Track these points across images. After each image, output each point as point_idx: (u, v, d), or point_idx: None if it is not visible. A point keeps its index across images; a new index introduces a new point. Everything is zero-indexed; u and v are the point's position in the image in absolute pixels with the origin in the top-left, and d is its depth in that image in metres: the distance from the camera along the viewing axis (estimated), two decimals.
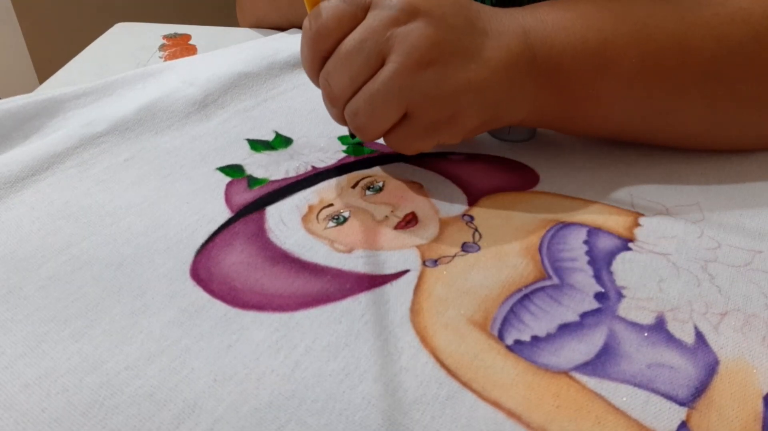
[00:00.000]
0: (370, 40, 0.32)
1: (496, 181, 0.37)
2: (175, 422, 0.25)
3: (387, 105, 0.32)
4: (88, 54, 0.56)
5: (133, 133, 0.42)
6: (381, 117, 0.33)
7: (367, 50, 0.32)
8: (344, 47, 0.32)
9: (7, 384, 0.26)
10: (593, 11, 0.35)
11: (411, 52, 0.31)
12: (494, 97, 0.34)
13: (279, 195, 0.36)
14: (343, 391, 0.26)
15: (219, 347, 0.27)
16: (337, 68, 0.33)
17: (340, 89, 0.33)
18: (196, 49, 0.56)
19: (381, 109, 0.32)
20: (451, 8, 0.33)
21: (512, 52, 0.33)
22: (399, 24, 0.32)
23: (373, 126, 0.33)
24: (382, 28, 0.32)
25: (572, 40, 0.34)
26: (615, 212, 0.35)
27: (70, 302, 0.30)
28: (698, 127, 0.37)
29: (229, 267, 0.31)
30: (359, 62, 0.32)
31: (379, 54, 0.32)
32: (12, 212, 0.35)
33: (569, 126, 0.38)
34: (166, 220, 0.35)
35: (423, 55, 0.32)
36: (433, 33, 0.32)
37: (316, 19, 0.33)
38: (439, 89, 0.32)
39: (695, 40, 0.34)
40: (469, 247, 0.32)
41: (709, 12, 0.35)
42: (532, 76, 0.34)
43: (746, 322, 0.28)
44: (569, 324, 0.28)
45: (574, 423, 0.24)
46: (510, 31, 0.34)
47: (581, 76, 0.35)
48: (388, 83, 0.32)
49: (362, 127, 0.34)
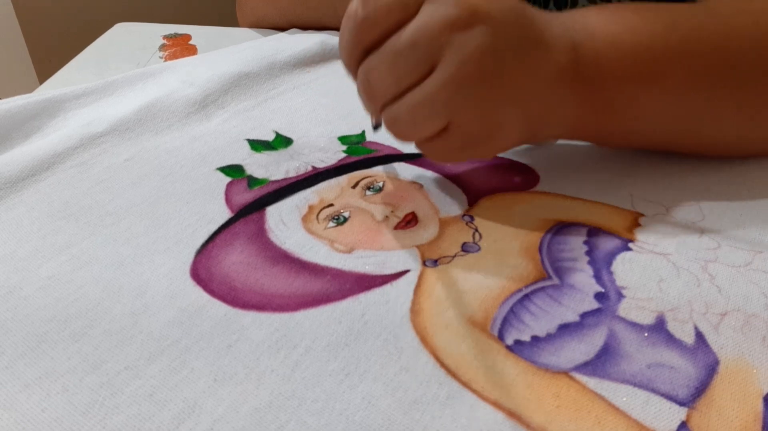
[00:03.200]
0: (423, 44, 0.30)
1: (496, 181, 0.37)
2: (175, 422, 0.25)
3: (430, 118, 0.31)
4: (88, 54, 0.56)
5: (133, 133, 0.42)
6: (421, 128, 0.32)
7: (418, 54, 0.30)
8: (393, 45, 0.30)
9: (7, 384, 0.26)
10: (641, 25, 0.34)
11: (465, 64, 0.30)
12: (535, 112, 0.33)
13: (279, 195, 0.36)
14: (343, 391, 0.26)
15: (219, 347, 0.27)
16: (382, 67, 0.31)
17: (382, 89, 0.31)
18: (196, 49, 0.56)
19: (423, 121, 0.31)
20: (509, 15, 0.31)
21: (560, 67, 0.32)
22: (455, 28, 0.30)
23: (411, 135, 0.32)
24: (437, 31, 0.30)
25: (621, 56, 0.33)
26: (615, 212, 0.35)
27: (70, 302, 0.30)
28: (735, 136, 0.37)
29: (229, 267, 0.31)
30: (408, 65, 0.30)
31: (429, 59, 0.30)
32: (12, 212, 0.35)
33: (606, 140, 0.38)
34: (166, 220, 0.35)
35: (476, 69, 0.30)
36: (489, 45, 0.30)
37: (365, 4, 0.30)
38: (485, 106, 0.31)
39: (736, 51, 0.34)
40: (469, 247, 0.32)
41: (750, 20, 0.35)
42: (576, 91, 0.33)
43: (746, 322, 0.28)
44: (569, 324, 0.28)
45: (574, 423, 0.24)
46: (560, 45, 0.33)
47: (625, 94, 0.34)
48: (436, 96, 0.30)
49: (400, 133, 0.32)
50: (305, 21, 0.57)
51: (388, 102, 0.31)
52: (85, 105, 0.45)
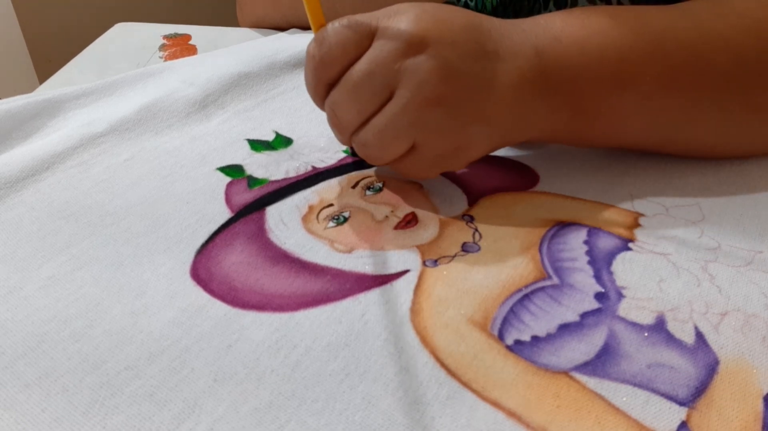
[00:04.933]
0: (378, 73, 0.31)
1: (496, 181, 0.37)
2: (175, 422, 0.25)
3: (395, 140, 0.32)
4: (88, 54, 0.56)
5: (133, 133, 0.42)
6: (389, 150, 0.33)
7: (375, 83, 0.31)
8: (351, 79, 0.32)
9: (8, 384, 0.26)
10: (610, 26, 0.34)
11: (420, 87, 0.31)
12: (504, 125, 0.33)
13: (279, 195, 0.36)
14: (343, 391, 0.26)
15: (219, 347, 0.27)
16: (344, 99, 0.32)
17: (348, 120, 0.33)
18: (196, 49, 0.56)
19: (389, 143, 0.32)
20: (461, 34, 0.32)
21: (524, 75, 0.32)
22: (408, 54, 0.31)
23: (381, 157, 0.33)
24: (390, 60, 0.31)
25: (588, 60, 0.33)
26: (615, 212, 0.35)
27: (70, 302, 0.30)
28: (712, 138, 0.37)
29: (229, 267, 0.31)
30: (367, 95, 0.32)
31: (386, 86, 0.31)
32: (12, 212, 0.35)
33: (580, 142, 0.38)
34: (166, 220, 0.35)
35: (432, 90, 0.31)
36: (442, 66, 0.31)
37: (320, 46, 0.32)
38: (447, 124, 0.32)
39: (711, 53, 0.34)
40: (469, 247, 0.32)
41: (725, 24, 0.34)
42: (545, 98, 0.33)
43: (746, 322, 0.28)
44: (569, 324, 0.28)
45: (574, 423, 0.24)
46: (522, 53, 0.33)
47: (596, 96, 0.34)
48: (396, 119, 0.31)
49: (370, 157, 0.34)
50: (305, 21, 0.57)
51: (354, 130, 0.33)
52: (85, 105, 0.45)
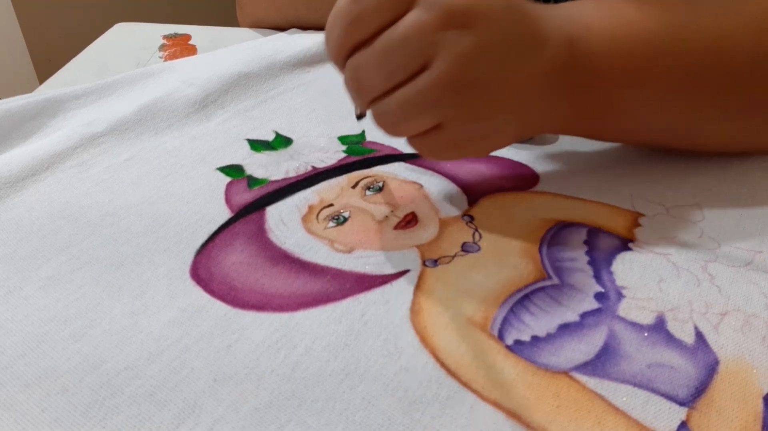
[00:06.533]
0: (416, 40, 0.29)
1: (496, 181, 0.37)
2: (175, 422, 0.25)
3: (421, 115, 0.30)
4: (88, 54, 0.56)
5: (133, 133, 0.42)
6: (412, 124, 0.31)
7: (409, 50, 0.29)
8: (384, 41, 0.29)
9: (7, 384, 0.26)
10: (640, 19, 0.33)
11: (458, 62, 0.29)
12: (532, 113, 0.32)
13: (279, 195, 0.36)
14: (343, 391, 0.26)
15: (219, 347, 0.27)
16: (371, 63, 0.30)
17: (371, 86, 0.30)
18: (196, 49, 0.56)
19: (414, 117, 0.30)
20: (504, 14, 0.30)
21: (555, 64, 0.32)
22: (450, 26, 0.29)
23: (401, 130, 0.31)
24: (429, 29, 0.29)
25: (618, 54, 0.33)
26: (615, 212, 0.35)
27: (70, 302, 0.30)
28: (731, 136, 0.37)
29: (229, 267, 0.31)
30: (398, 62, 0.29)
31: (421, 56, 0.29)
32: (12, 212, 0.35)
33: (599, 135, 0.37)
34: (166, 220, 0.35)
35: (470, 68, 0.29)
36: (484, 43, 0.29)
37: (355, 1, 0.29)
38: (479, 107, 0.30)
39: (734, 47, 0.34)
40: (469, 247, 0.32)
41: (749, 16, 0.34)
42: (569, 88, 0.33)
43: (746, 322, 0.28)
44: (569, 324, 0.28)
45: (574, 423, 0.24)
46: (556, 40, 0.32)
47: (621, 90, 0.33)
48: (427, 93, 0.29)
49: (389, 127, 0.31)
50: (305, 21, 0.57)
51: (376, 97, 0.31)
52: (85, 105, 0.45)
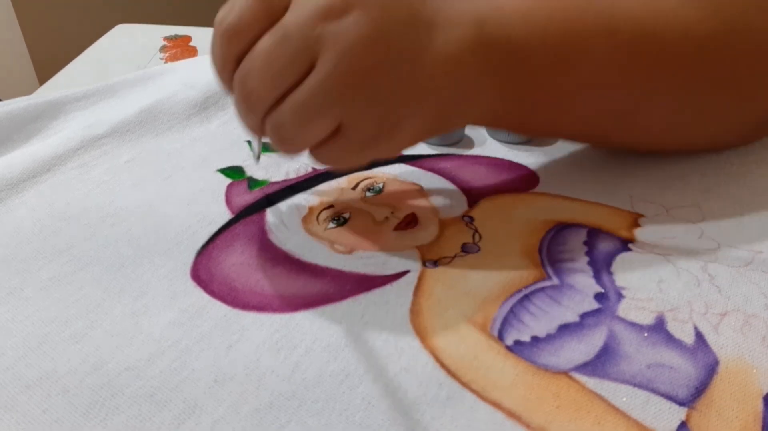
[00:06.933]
0: (295, 38, 0.27)
1: (496, 182, 0.37)
2: (175, 422, 0.25)
3: (318, 117, 0.28)
4: (88, 55, 0.56)
5: (133, 134, 0.42)
6: (310, 130, 0.28)
7: (291, 49, 0.27)
8: (264, 44, 0.27)
9: (8, 386, 0.26)
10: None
11: (346, 54, 0.27)
12: (441, 102, 0.30)
13: (279, 196, 0.36)
14: (343, 392, 0.26)
15: (219, 348, 0.28)
16: (256, 68, 0.27)
17: (260, 94, 0.28)
18: (196, 50, 0.56)
19: (312, 121, 0.28)
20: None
21: (463, 46, 0.29)
22: (330, 17, 0.27)
23: (301, 140, 0.29)
24: (309, 23, 0.27)
25: (533, 30, 0.30)
26: (615, 213, 0.35)
27: (71, 303, 0.30)
28: (660, 125, 0.35)
29: (229, 269, 0.32)
30: (282, 62, 0.27)
31: (306, 54, 0.27)
32: (13, 214, 0.36)
33: (528, 126, 0.35)
34: (167, 222, 0.35)
35: (360, 59, 0.27)
36: (371, 32, 0.27)
37: (229, 11, 0.28)
38: (377, 99, 0.28)
39: (663, 31, 0.32)
40: (469, 248, 0.33)
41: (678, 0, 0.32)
42: (487, 72, 0.30)
43: (746, 322, 0.28)
44: (569, 325, 0.28)
45: (574, 424, 0.24)
46: (462, 22, 0.29)
47: (543, 70, 0.31)
48: (318, 93, 0.27)
49: (287, 140, 0.29)
50: None
51: (269, 109, 0.28)
52: (86, 107, 0.45)
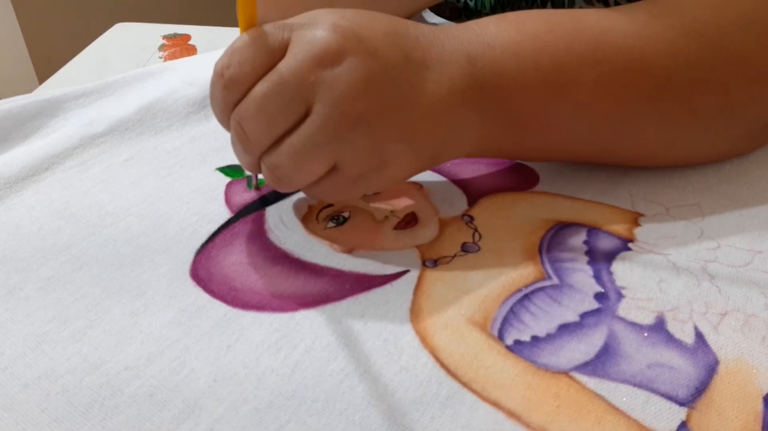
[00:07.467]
0: (291, 84, 0.28)
1: (496, 181, 0.37)
2: (175, 422, 0.25)
3: (314, 160, 0.29)
4: (87, 54, 0.56)
5: (133, 133, 0.42)
6: (306, 172, 0.30)
7: (286, 95, 0.28)
8: (261, 88, 0.28)
9: (7, 385, 0.26)
10: (544, 31, 0.32)
11: (340, 101, 0.28)
12: (433, 139, 0.31)
13: (279, 195, 0.36)
14: (343, 391, 0.26)
15: (219, 347, 0.27)
16: (252, 112, 0.29)
17: (256, 138, 0.29)
18: (196, 49, 0.56)
19: (307, 164, 0.29)
20: (383, 41, 0.29)
21: (455, 86, 0.30)
22: (324, 64, 0.28)
23: (296, 180, 0.30)
24: (304, 71, 0.28)
25: (523, 66, 0.31)
26: (615, 212, 0.35)
27: (70, 302, 0.30)
28: (653, 145, 0.35)
29: (228, 268, 0.31)
30: (278, 108, 0.28)
31: (301, 100, 0.28)
32: (12, 212, 0.35)
33: (518, 154, 0.36)
34: (166, 220, 0.35)
35: (353, 106, 0.28)
36: (365, 78, 0.28)
37: (229, 60, 0.29)
38: (371, 141, 0.29)
39: (650, 57, 0.32)
40: (469, 247, 0.32)
41: (664, 25, 0.33)
42: (478, 109, 0.31)
43: (746, 322, 0.28)
44: (569, 325, 0.28)
45: (574, 424, 0.24)
46: (453, 61, 0.31)
47: (533, 104, 0.32)
48: (314, 138, 0.28)
49: (283, 180, 0.30)
50: None
51: (265, 150, 0.30)
52: (85, 105, 0.45)
